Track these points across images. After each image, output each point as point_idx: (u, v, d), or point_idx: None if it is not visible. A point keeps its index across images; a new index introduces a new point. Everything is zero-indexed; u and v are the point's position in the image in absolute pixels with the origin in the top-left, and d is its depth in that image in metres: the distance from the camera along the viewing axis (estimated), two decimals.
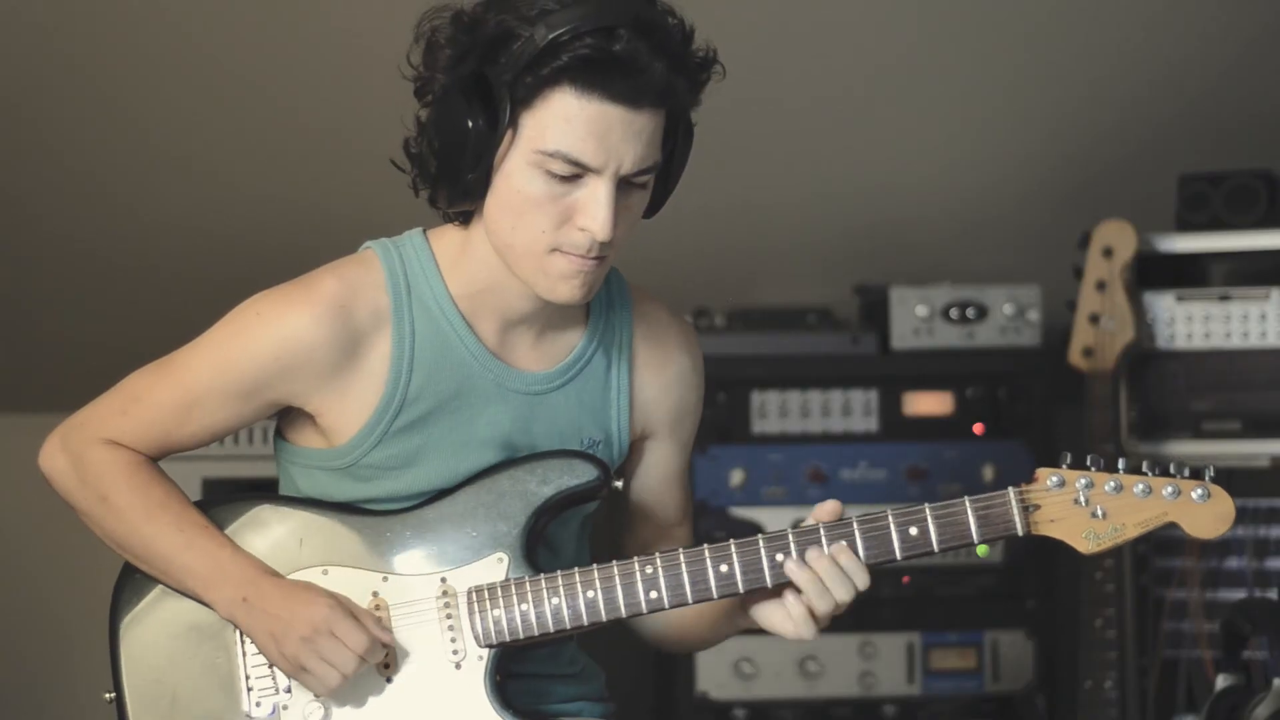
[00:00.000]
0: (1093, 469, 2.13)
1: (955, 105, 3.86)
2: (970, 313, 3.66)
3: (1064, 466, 2.13)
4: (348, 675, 2.11)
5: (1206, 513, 2.11)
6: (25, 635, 4.10)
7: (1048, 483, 2.13)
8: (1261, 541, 3.47)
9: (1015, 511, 2.13)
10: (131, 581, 2.20)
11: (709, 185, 3.96)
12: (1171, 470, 2.12)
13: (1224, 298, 3.52)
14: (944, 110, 3.87)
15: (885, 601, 3.65)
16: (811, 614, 2.19)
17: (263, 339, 2.15)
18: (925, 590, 3.66)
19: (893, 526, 2.13)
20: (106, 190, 3.86)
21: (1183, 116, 3.84)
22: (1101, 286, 3.44)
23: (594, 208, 2.05)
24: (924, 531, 2.13)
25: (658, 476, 2.32)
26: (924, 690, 3.64)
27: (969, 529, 2.14)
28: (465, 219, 2.16)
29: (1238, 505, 2.15)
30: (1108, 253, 3.44)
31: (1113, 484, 2.12)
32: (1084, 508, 2.12)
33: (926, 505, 2.14)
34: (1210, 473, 2.12)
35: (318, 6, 3.65)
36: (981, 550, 3.62)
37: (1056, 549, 3.59)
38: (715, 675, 3.61)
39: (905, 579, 3.65)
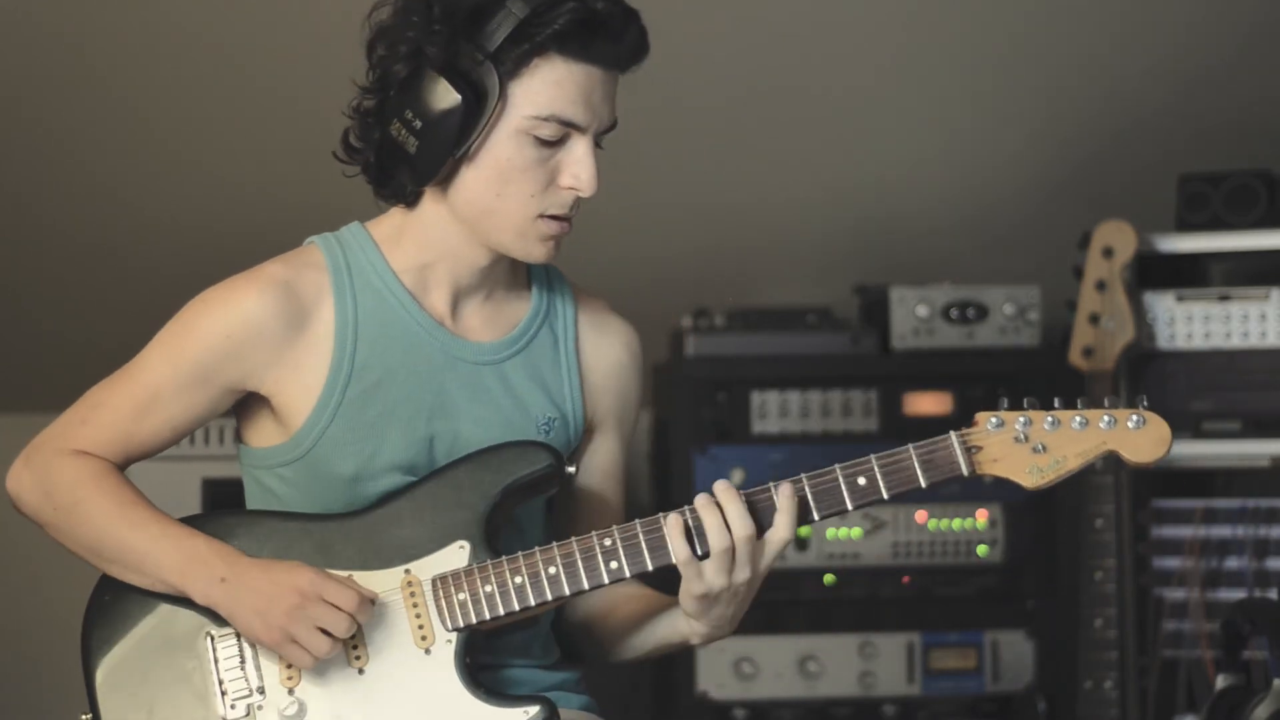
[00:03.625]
0: (1029, 409, 2.18)
1: (955, 105, 3.86)
2: (970, 313, 3.66)
3: (1002, 409, 2.18)
4: (340, 639, 2.12)
5: (1144, 438, 2.15)
6: (24, 635, 4.10)
7: (987, 425, 2.17)
8: (1261, 541, 3.47)
9: (959, 453, 2.17)
10: (101, 604, 2.21)
11: (709, 185, 3.97)
12: (1106, 403, 2.17)
13: (1224, 298, 3.52)
14: (944, 110, 3.87)
15: (885, 601, 3.65)
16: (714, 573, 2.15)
17: (211, 322, 2.20)
18: (925, 590, 3.66)
19: (841, 479, 2.17)
20: (107, 190, 3.86)
21: (1183, 116, 3.84)
22: (1101, 286, 3.44)
23: (580, 166, 2.15)
24: (872, 480, 2.18)
25: (600, 472, 2.35)
26: (924, 690, 3.64)
27: (915, 474, 2.18)
28: (414, 201, 2.22)
29: (1237, 506, 2.15)
30: (1108, 253, 3.44)
31: (1050, 420, 2.17)
32: (1025, 444, 2.16)
33: (872, 456, 2.18)
34: (1144, 401, 2.17)
35: (319, 5, 3.65)
36: (981, 550, 3.65)
37: (1056, 548, 3.61)
38: (715, 675, 3.61)
39: (905, 579, 3.65)
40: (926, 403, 3.66)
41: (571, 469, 2.24)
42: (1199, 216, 3.55)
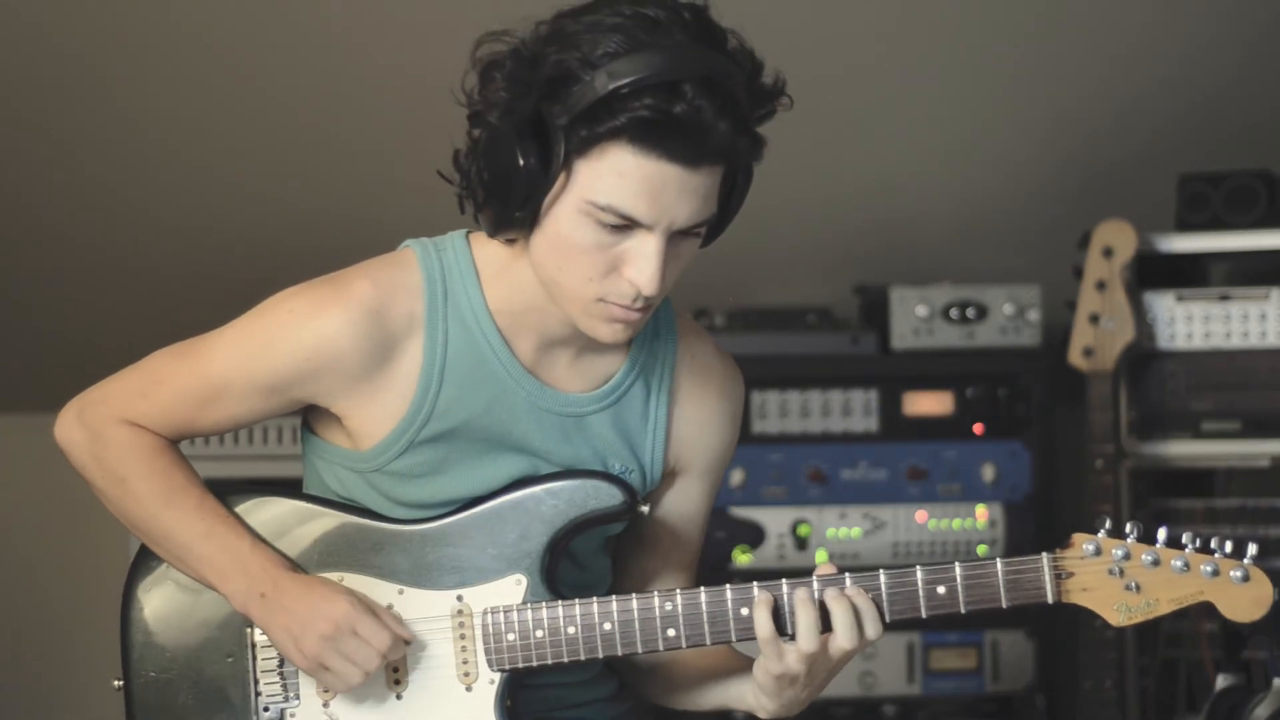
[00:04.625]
0: (1131, 538, 2.06)
1: (955, 105, 3.86)
2: (970, 313, 3.66)
3: (1101, 533, 2.06)
4: (370, 673, 2.09)
5: (1244, 595, 2.04)
6: (27, 634, 4.11)
7: (1083, 550, 2.06)
8: (1261, 541, 3.47)
9: (1048, 579, 2.06)
10: (145, 570, 2.19)
11: None
12: (1212, 546, 2.05)
13: (1224, 298, 3.52)
14: (944, 110, 3.87)
15: None
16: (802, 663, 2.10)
17: (293, 338, 2.11)
18: None
19: (920, 584, 2.09)
20: (108, 190, 3.86)
21: (1183, 116, 3.84)
22: (1101, 286, 3.44)
23: (642, 262, 2.00)
24: (952, 591, 2.08)
25: (679, 515, 2.27)
26: (924, 690, 3.63)
27: (998, 592, 2.07)
28: (510, 241, 2.10)
29: (1237, 506, 2.13)
30: (1108, 253, 3.44)
31: (1150, 557, 2.05)
32: (1118, 579, 2.05)
33: (957, 564, 2.08)
34: (1252, 551, 2.05)
35: (319, 7, 3.66)
36: (981, 550, 3.64)
37: (1056, 548, 3.61)
38: None
39: None
40: (926, 403, 3.66)
41: (645, 508, 2.16)
42: (1199, 216, 3.55)
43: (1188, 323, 3.52)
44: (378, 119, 3.67)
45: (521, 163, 1.98)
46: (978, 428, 3.65)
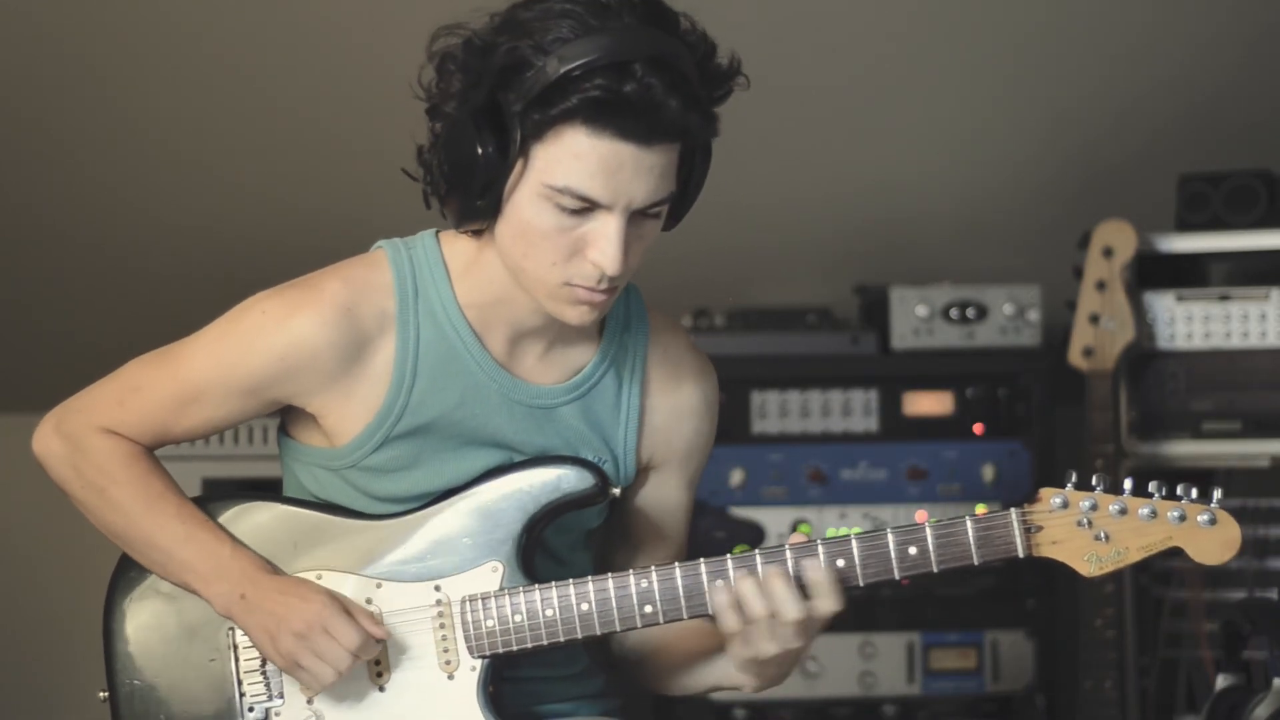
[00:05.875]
0: (1098, 489, 2.08)
1: (956, 105, 3.87)
2: (970, 313, 3.66)
3: (1068, 486, 2.08)
4: (341, 672, 2.10)
5: (1212, 538, 2.06)
6: (24, 635, 4.10)
7: (1051, 503, 2.08)
8: (1261, 541, 3.47)
9: (1017, 533, 2.08)
10: (125, 581, 2.20)
11: (709, 185, 3.95)
12: (1179, 493, 2.07)
13: (1224, 298, 3.52)
14: (944, 110, 3.87)
15: (885, 601, 3.65)
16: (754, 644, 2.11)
17: (267, 340, 2.13)
18: (925, 590, 3.66)
19: (891, 545, 2.11)
20: (108, 190, 3.86)
21: (1183, 116, 3.84)
22: (1101, 286, 3.44)
23: (604, 243, 2.03)
24: (923, 551, 2.10)
25: (661, 509, 2.29)
26: (924, 690, 3.64)
27: (969, 549, 2.09)
28: (477, 233, 2.13)
29: (1238, 505, 2.13)
30: (1108, 253, 3.44)
31: (1117, 506, 2.07)
32: (1087, 530, 2.07)
33: (927, 524, 2.10)
34: (1218, 495, 2.07)
35: (319, 7, 3.66)
36: None
37: None
38: None
39: (904, 580, 3.65)
40: (926, 403, 3.66)
41: (616, 490, 2.19)
42: (1199, 216, 3.55)
43: (1188, 323, 3.52)
44: (377, 119, 3.66)
45: (479, 151, 2.02)
46: (978, 428, 3.65)
